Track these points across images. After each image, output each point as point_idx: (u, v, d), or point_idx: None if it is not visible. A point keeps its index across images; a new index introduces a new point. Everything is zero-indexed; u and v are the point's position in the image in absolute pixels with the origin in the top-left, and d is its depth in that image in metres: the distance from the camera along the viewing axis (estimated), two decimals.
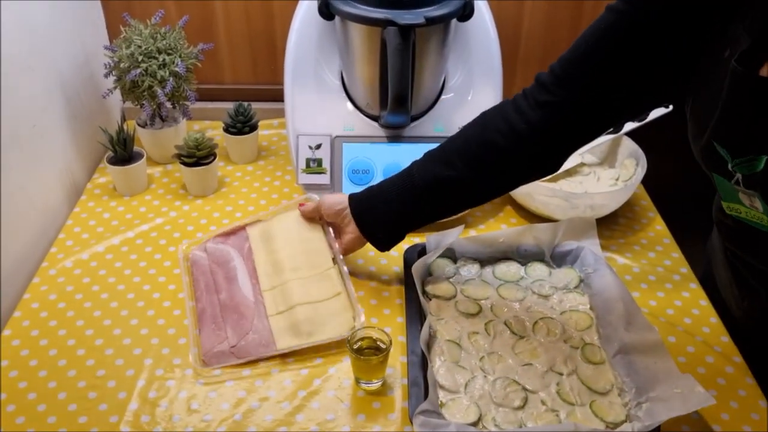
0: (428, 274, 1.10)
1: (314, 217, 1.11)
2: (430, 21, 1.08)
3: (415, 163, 1.00)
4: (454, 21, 1.15)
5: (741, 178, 0.77)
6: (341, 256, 1.08)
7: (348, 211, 1.05)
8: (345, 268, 1.07)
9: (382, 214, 1.02)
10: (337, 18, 1.15)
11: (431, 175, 0.97)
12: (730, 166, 0.78)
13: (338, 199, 1.06)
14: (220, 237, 1.15)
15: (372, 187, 1.04)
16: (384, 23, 1.07)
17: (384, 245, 1.06)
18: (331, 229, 1.11)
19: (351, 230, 1.06)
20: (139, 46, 1.26)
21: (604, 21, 0.84)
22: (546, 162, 0.96)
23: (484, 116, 0.97)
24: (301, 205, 1.12)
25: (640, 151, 1.28)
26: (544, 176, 0.98)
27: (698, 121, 0.82)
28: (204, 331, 1.02)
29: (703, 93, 0.81)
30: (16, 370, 0.96)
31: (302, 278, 1.06)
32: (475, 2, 1.16)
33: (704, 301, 1.10)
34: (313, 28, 1.24)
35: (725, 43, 0.76)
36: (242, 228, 1.16)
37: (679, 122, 0.86)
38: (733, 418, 0.91)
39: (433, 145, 1.00)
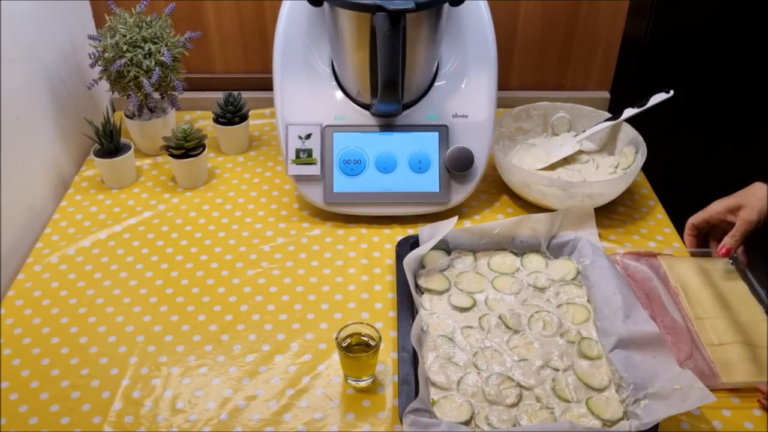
0: (421, 267, 1.08)
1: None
2: (421, 6, 1.04)
3: None
4: (446, 6, 1.11)
5: None
6: None
7: None
8: None
9: None
10: (325, 4, 1.12)
11: None
12: None
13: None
14: (632, 255, 1.11)
15: None
16: (373, 9, 1.03)
17: None
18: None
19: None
20: (124, 35, 1.23)
21: None
22: None
23: None
24: (723, 249, 1.06)
25: (640, 138, 1.24)
26: None
27: None
28: None
29: None
30: None
31: (746, 320, 1.00)
32: None
33: None
34: (302, 15, 1.20)
35: None
36: (653, 255, 1.11)
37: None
38: (734, 415, 0.89)
39: (426, 134, 0.96)
